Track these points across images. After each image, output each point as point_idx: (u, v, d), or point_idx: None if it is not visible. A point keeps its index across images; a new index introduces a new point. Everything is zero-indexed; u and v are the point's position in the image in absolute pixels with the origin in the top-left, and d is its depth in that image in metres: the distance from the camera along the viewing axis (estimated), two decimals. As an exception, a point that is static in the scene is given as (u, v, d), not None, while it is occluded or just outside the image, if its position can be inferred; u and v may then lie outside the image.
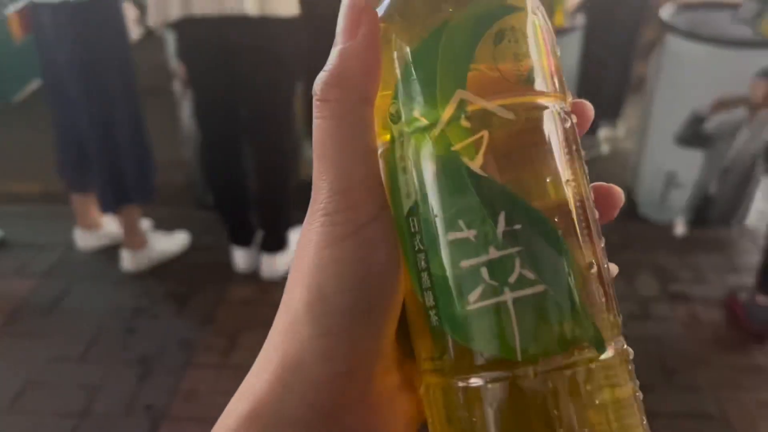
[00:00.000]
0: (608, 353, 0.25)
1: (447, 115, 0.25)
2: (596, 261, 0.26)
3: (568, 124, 0.27)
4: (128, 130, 2.09)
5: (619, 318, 0.27)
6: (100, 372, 1.88)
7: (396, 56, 0.26)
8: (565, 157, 0.26)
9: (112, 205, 2.17)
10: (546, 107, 0.26)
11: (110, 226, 2.37)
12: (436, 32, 0.25)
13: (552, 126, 0.26)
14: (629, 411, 0.25)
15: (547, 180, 0.25)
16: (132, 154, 2.12)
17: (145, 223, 2.36)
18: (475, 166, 0.25)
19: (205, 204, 2.50)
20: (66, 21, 1.90)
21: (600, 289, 0.26)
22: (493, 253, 0.24)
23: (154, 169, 2.22)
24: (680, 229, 2.40)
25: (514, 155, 0.25)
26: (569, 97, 0.28)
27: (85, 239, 2.36)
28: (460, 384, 0.25)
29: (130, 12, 3.64)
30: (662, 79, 2.37)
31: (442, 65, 0.25)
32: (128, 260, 2.23)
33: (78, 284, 2.23)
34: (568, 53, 2.48)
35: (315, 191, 0.26)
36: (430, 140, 0.25)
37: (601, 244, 0.27)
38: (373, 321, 0.26)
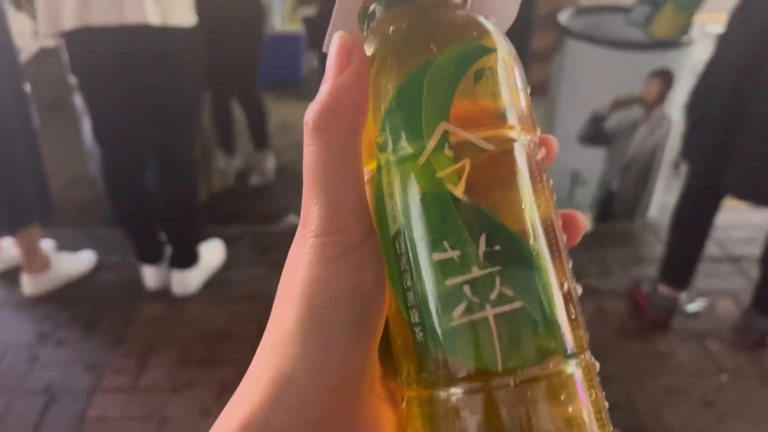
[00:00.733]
0: (579, 365, 0.28)
1: (432, 144, 0.27)
2: (566, 280, 0.28)
3: (539, 156, 0.29)
4: (23, 149, 1.99)
5: (586, 334, 0.29)
6: (2, 403, 1.77)
7: (383, 91, 0.29)
8: (537, 185, 0.28)
9: (9, 227, 2.05)
10: (519, 139, 0.28)
11: (9, 250, 2.24)
12: (422, 69, 0.28)
13: (524, 156, 0.28)
14: (599, 419, 0.28)
15: (522, 205, 0.27)
16: (29, 174, 2.01)
17: (48, 244, 2.25)
18: (458, 191, 0.27)
19: (112, 221, 2.41)
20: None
21: (570, 306, 0.28)
22: (476, 272, 0.26)
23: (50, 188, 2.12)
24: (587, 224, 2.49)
25: (493, 182, 0.27)
26: (538, 130, 0.30)
27: (-19, 265, 2.23)
28: (443, 396, 0.27)
29: (26, 24, 3.47)
30: (563, 81, 2.46)
31: (427, 100, 0.28)
32: (29, 284, 2.12)
33: (-26, 313, 2.10)
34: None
35: (306, 214, 0.28)
36: (416, 167, 0.27)
37: (569, 265, 0.29)
38: (362, 336, 0.27)
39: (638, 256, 2.40)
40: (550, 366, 0.27)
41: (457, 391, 0.27)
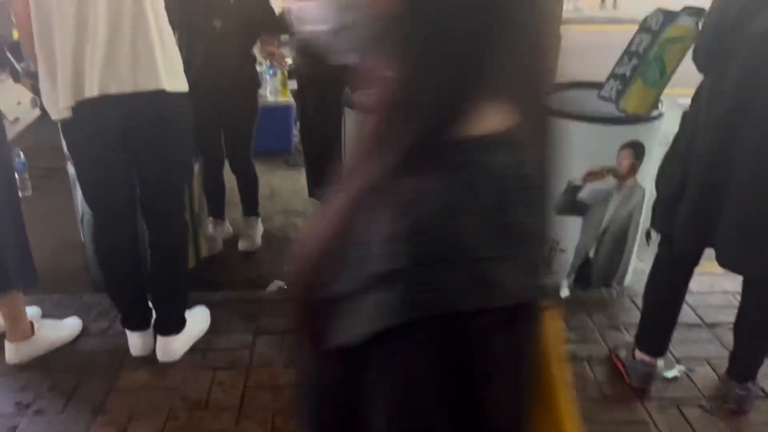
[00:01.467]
0: None
1: None
2: None
3: None
4: (7, 216, 2.04)
5: None
6: (-25, 476, 1.76)
7: None
8: None
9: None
10: None
11: (-5, 316, 2.26)
12: None
13: None
14: None
15: None
16: (11, 240, 2.06)
17: (33, 311, 2.27)
18: None
19: (100, 287, 2.44)
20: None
21: None
22: None
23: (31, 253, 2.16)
24: (565, 292, 2.54)
25: None
26: None
27: (-35, 332, 2.23)
28: None
29: (24, 95, 3.59)
30: (541, 152, 2.54)
31: None
32: (12, 353, 2.12)
33: (-44, 380, 2.09)
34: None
35: None
36: None
37: None
38: None
39: (616, 322, 2.44)
40: None
41: None
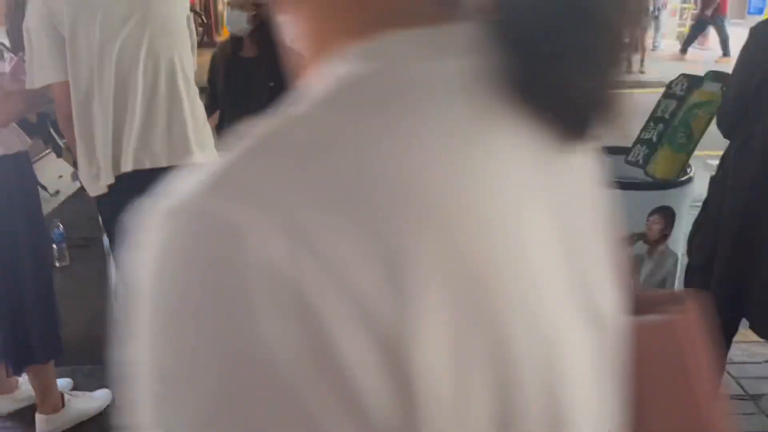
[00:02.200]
0: None
1: None
2: None
3: None
4: (34, 291, 2.09)
5: None
6: None
7: None
8: None
9: (17, 367, 2.12)
10: None
11: (27, 387, 2.29)
12: None
13: None
14: None
15: None
16: (37, 315, 2.10)
17: (64, 383, 2.30)
18: None
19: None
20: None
21: None
22: None
23: (59, 325, 2.19)
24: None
25: None
26: None
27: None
28: None
29: (66, 169, 3.74)
30: (568, 218, 2.52)
31: None
32: (41, 424, 2.14)
33: (-13, 453, 2.12)
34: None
35: None
36: None
37: None
38: None
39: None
40: None
41: None
